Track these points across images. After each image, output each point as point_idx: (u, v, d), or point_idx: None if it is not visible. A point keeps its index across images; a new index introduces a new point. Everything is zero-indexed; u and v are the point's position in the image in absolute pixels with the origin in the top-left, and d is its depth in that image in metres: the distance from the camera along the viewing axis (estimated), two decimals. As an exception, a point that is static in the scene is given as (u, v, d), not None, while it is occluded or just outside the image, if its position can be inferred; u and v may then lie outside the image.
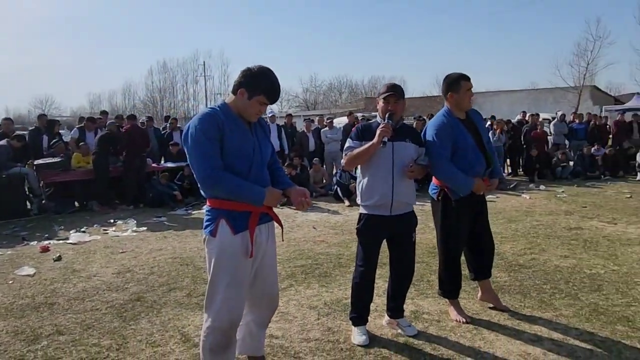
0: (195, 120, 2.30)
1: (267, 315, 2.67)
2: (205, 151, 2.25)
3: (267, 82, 2.33)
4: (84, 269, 4.97)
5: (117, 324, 3.55)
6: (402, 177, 3.10)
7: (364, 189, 3.15)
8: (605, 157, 11.81)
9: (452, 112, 3.39)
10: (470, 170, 3.29)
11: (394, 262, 3.29)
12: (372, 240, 3.19)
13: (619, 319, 3.42)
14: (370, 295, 3.27)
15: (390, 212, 3.11)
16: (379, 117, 3.20)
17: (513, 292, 4.01)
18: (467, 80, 3.38)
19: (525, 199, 8.75)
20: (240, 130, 2.35)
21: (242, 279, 2.37)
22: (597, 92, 34.26)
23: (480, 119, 3.55)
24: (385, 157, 3.06)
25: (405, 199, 3.14)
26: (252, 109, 2.35)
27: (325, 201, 9.07)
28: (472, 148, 3.31)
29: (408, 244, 3.25)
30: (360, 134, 3.13)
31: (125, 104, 61.51)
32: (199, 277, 4.59)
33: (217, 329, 2.35)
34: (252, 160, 2.38)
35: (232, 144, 2.30)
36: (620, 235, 5.86)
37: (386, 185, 3.07)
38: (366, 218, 3.16)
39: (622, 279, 4.26)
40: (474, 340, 3.14)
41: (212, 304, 2.37)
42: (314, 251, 5.45)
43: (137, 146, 8.65)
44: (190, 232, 6.63)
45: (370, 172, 3.12)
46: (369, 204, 3.13)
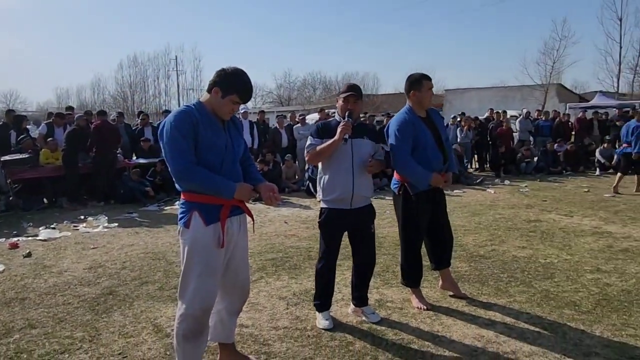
0: (170, 117, 2.43)
1: (238, 304, 2.79)
2: (179, 147, 2.37)
3: (240, 83, 2.48)
4: (55, 265, 4.99)
5: (90, 317, 3.62)
6: (361, 172, 3.28)
7: (325, 184, 3.31)
8: (567, 153, 12.30)
9: (413, 110, 3.58)
10: (427, 165, 3.49)
11: (356, 254, 3.47)
12: (333, 233, 3.36)
13: (566, 303, 3.68)
14: (332, 284, 3.45)
15: (350, 205, 3.28)
16: (337, 115, 3.38)
17: (472, 280, 4.24)
18: (428, 80, 3.58)
19: (490, 194, 9.08)
20: (214, 127, 2.48)
21: (214, 268, 2.50)
22: (563, 90, 35.27)
23: (439, 118, 3.76)
24: (345, 153, 3.23)
25: (364, 192, 3.32)
26: (226, 107, 2.48)
27: (297, 196, 9.22)
28: (431, 145, 3.51)
29: (368, 236, 3.43)
30: (321, 131, 3.30)
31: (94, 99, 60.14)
32: (171, 271, 4.67)
33: (190, 316, 2.47)
34: (224, 156, 2.51)
35: (205, 140, 2.43)
36: (575, 227, 6.20)
37: (347, 180, 3.24)
38: (327, 212, 3.33)
39: (573, 267, 4.54)
40: (433, 325, 3.35)
41: (185, 292, 2.49)
42: (284, 245, 5.59)
43: (107, 142, 8.60)
44: (162, 228, 6.68)
45: (332, 168, 3.28)
46: (331, 198, 3.29)
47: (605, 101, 23.55)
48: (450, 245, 3.89)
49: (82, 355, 3.02)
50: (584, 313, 3.50)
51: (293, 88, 57.52)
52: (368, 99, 41.71)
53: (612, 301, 3.71)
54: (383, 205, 7.93)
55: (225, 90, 2.45)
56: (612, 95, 28.72)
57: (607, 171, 11.80)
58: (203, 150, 2.43)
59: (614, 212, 7.05)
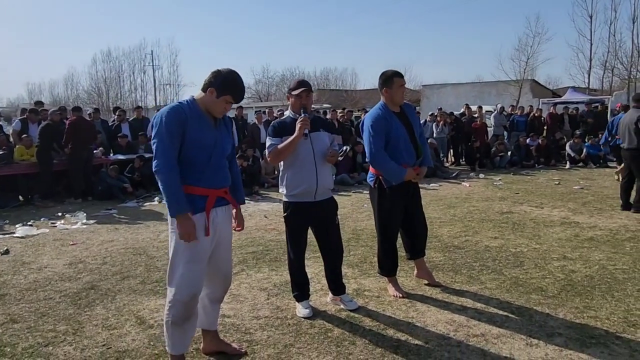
0: (162, 112, 2.56)
1: (220, 292, 2.90)
2: (163, 145, 2.51)
3: (234, 84, 2.63)
4: (34, 261, 4.99)
5: (72, 311, 3.66)
6: (323, 164, 3.40)
7: (289, 180, 3.38)
8: (539, 147, 12.66)
9: (387, 105, 3.71)
10: (400, 159, 3.63)
11: (324, 246, 3.57)
12: (299, 225, 3.47)
13: (534, 289, 3.88)
14: (305, 274, 3.58)
15: (314, 198, 3.39)
16: (290, 112, 3.44)
17: (446, 269, 4.41)
18: (400, 77, 3.70)
19: (465, 187, 9.32)
20: (203, 124, 2.61)
21: (201, 255, 2.63)
22: (537, 86, 36.04)
23: (413, 113, 3.89)
24: (306, 148, 3.32)
25: (327, 184, 3.45)
26: (219, 106, 2.63)
27: (276, 192, 9.29)
28: (404, 139, 3.65)
29: (333, 227, 3.54)
30: (278, 130, 3.35)
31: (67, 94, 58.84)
32: (152, 266, 4.72)
33: (178, 301, 2.59)
34: (212, 152, 2.64)
35: (193, 137, 2.56)
36: (545, 217, 6.45)
37: (311, 174, 3.34)
38: (293, 206, 3.41)
39: (541, 255, 4.76)
40: (408, 312, 3.50)
41: (173, 278, 2.62)
42: (264, 239, 5.69)
43: (83, 139, 8.51)
44: (142, 224, 6.70)
45: (295, 164, 3.35)
46: (296, 192, 3.38)
47: (577, 96, 24.21)
48: (425, 236, 4.04)
49: (66, 347, 3.08)
50: (550, 297, 3.70)
51: (272, 83, 57.31)
52: (347, 94, 41.92)
53: (576, 286, 3.92)
54: (362, 199, 8.10)
55: (220, 91, 2.58)
56: (584, 90, 29.50)
57: (577, 164, 12.21)
58: (190, 147, 2.56)
59: (582, 204, 7.35)
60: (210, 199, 2.64)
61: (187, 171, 2.59)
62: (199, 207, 2.61)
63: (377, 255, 3.92)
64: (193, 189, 2.60)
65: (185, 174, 2.58)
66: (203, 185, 2.63)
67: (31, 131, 9.03)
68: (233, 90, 2.61)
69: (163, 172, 2.50)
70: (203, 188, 2.63)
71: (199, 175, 2.61)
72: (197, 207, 2.61)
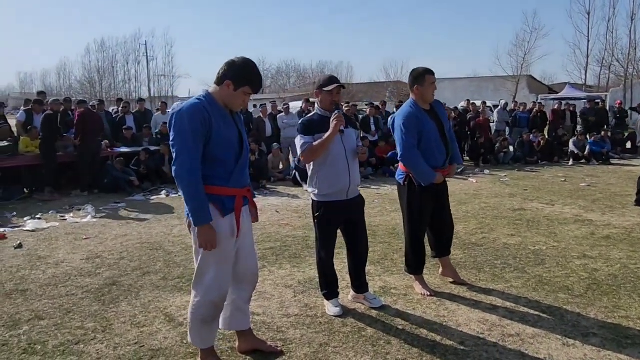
0: (183, 111, 2.40)
1: (250, 290, 2.89)
2: (187, 146, 2.37)
3: (251, 74, 2.49)
4: (50, 256, 4.92)
5: (97, 308, 3.61)
6: (354, 161, 3.36)
7: (322, 179, 3.30)
8: (540, 144, 12.67)
9: (417, 103, 3.67)
10: (432, 158, 3.61)
11: (352, 244, 3.54)
12: (331, 225, 3.43)
13: (560, 288, 3.88)
14: (334, 272, 3.54)
15: (347, 196, 3.36)
16: (319, 109, 3.37)
17: (469, 267, 4.40)
18: (431, 74, 3.66)
19: (473, 183, 9.33)
20: (226, 121, 2.50)
21: (229, 256, 2.61)
22: (533, 81, 36.24)
23: (443, 110, 3.86)
24: (338, 146, 3.28)
25: (357, 182, 3.42)
26: (238, 99, 2.50)
27: (284, 186, 9.27)
28: (435, 137, 3.62)
29: (362, 224, 3.52)
30: (309, 128, 3.28)
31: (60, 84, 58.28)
32: (171, 261, 4.68)
33: (210, 302, 2.57)
34: (239, 152, 2.54)
35: (219, 136, 2.44)
36: (558, 215, 6.47)
37: (344, 172, 3.31)
38: (325, 206, 3.35)
39: (561, 254, 4.77)
40: (439, 311, 3.49)
41: (202, 280, 2.58)
42: (280, 234, 5.65)
43: (91, 131, 8.40)
44: (153, 217, 6.63)
45: (327, 162, 3.28)
46: (330, 192, 3.32)
47: (574, 93, 24.36)
48: (451, 235, 4.03)
49: (98, 346, 3.03)
50: (578, 297, 3.70)
51: (267, 76, 57.03)
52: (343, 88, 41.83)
53: (602, 285, 3.93)
54: (371, 194, 8.07)
55: (237, 83, 2.45)
56: (580, 87, 29.68)
57: (580, 161, 12.25)
58: (217, 146, 2.45)
59: (592, 201, 7.37)
60: (238, 199, 2.57)
61: (215, 171, 2.49)
62: (228, 208, 2.54)
63: (405, 253, 3.90)
64: (222, 190, 2.51)
65: (214, 174, 2.49)
66: (232, 185, 2.54)
67: (36, 122, 8.89)
68: (250, 80, 2.47)
69: (186, 178, 2.37)
70: (231, 188, 2.54)
71: (228, 176, 2.52)
72: (227, 209, 2.53)
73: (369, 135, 10.87)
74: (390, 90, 38.37)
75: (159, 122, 10.63)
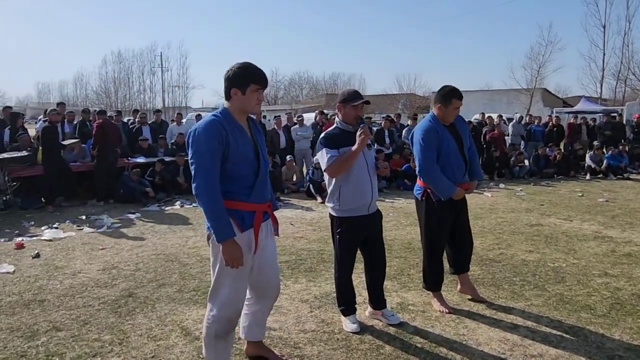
0: (199, 129, 2.43)
1: (271, 302, 2.91)
2: (205, 165, 2.38)
3: (250, 70, 2.49)
4: (67, 266, 4.95)
5: (114, 320, 3.61)
6: (374, 176, 3.35)
7: (344, 194, 3.27)
8: (555, 159, 12.51)
9: (437, 118, 3.65)
10: (450, 173, 3.57)
11: (371, 259, 3.51)
12: (353, 241, 3.40)
13: (582, 307, 3.80)
14: (352, 288, 3.50)
15: (368, 211, 3.34)
16: (339, 123, 3.34)
17: (487, 284, 4.34)
18: (458, 99, 3.56)
19: (488, 197, 9.23)
20: (243, 136, 2.50)
21: (246, 272, 2.59)
22: (548, 95, 36.00)
23: (464, 126, 3.82)
24: (360, 160, 3.26)
25: (377, 196, 3.41)
26: (252, 100, 2.50)
27: (298, 198, 9.25)
28: (454, 153, 3.59)
29: (380, 240, 3.50)
30: (333, 142, 3.25)
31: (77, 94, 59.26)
32: (186, 273, 4.67)
33: (224, 318, 2.57)
34: (257, 166, 2.54)
35: (237, 152, 2.45)
36: (576, 231, 6.36)
37: (367, 187, 3.29)
38: (348, 222, 3.32)
39: (581, 271, 4.68)
40: (458, 329, 3.43)
41: (218, 295, 2.57)
42: (295, 247, 5.63)
43: (110, 141, 8.49)
44: (167, 228, 6.65)
45: (352, 177, 3.25)
46: (352, 207, 3.29)
47: (590, 106, 24.11)
48: (470, 251, 3.97)
49: (115, 359, 3.03)
50: (600, 317, 3.62)
51: (280, 87, 57.44)
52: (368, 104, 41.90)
53: (625, 305, 3.84)
54: (385, 207, 8.01)
55: (242, 86, 2.46)
56: (595, 100, 29.38)
57: (597, 176, 12.08)
58: (236, 161, 2.46)
59: (611, 217, 7.25)
60: (257, 215, 2.57)
61: (236, 187, 2.50)
62: (247, 224, 2.53)
63: (423, 269, 3.86)
64: (242, 205, 2.52)
65: (234, 190, 2.49)
66: (252, 200, 2.54)
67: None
68: (252, 76, 2.47)
69: (205, 196, 2.38)
70: (252, 204, 2.54)
71: (248, 191, 2.53)
72: (246, 224, 2.53)
73: (384, 148, 10.83)
74: (402, 102, 38.37)
75: (175, 132, 10.73)
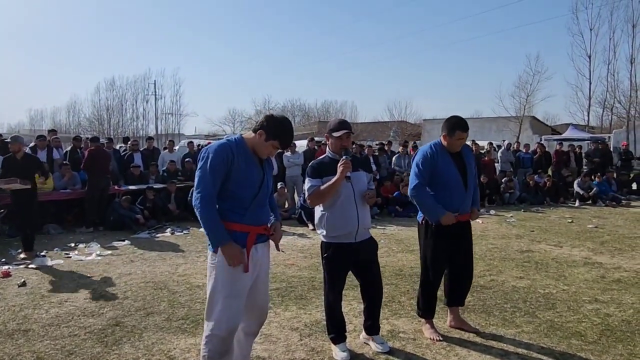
0: (210, 148, 2.64)
1: (256, 326, 2.90)
2: (205, 179, 2.59)
3: (284, 132, 2.68)
4: (54, 295, 4.87)
5: (100, 349, 3.54)
6: (363, 204, 3.37)
7: (329, 221, 3.32)
8: (545, 186, 12.65)
9: (442, 144, 3.69)
10: (448, 199, 3.60)
11: (365, 286, 3.52)
12: (339, 267, 3.41)
13: (572, 334, 3.79)
14: (342, 315, 3.48)
15: (355, 239, 3.35)
16: (329, 152, 3.42)
17: (478, 311, 4.32)
18: (463, 131, 3.58)
19: (478, 223, 9.26)
20: (250, 163, 2.67)
21: (240, 291, 2.63)
22: (536, 122, 36.53)
23: (470, 155, 3.81)
24: (347, 189, 3.29)
25: (367, 225, 3.40)
26: (266, 149, 2.70)
27: (289, 225, 9.22)
28: (456, 181, 3.61)
29: (373, 266, 3.50)
30: (317, 171, 3.32)
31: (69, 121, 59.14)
32: (175, 301, 4.62)
33: (216, 336, 2.59)
34: (258, 192, 2.68)
35: (239, 174, 2.61)
36: (566, 257, 6.39)
37: (352, 215, 3.31)
38: (334, 247, 3.35)
39: (572, 297, 4.68)
40: (449, 357, 3.40)
41: (212, 313, 2.61)
42: (286, 274, 5.59)
43: (101, 168, 8.47)
44: (157, 256, 6.59)
45: (336, 205, 3.30)
46: (337, 234, 3.33)
47: (578, 134, 24.50)
48: (468, 285, 3.91)
49: (100, 390, 2.96)
50: (591, 343, 3.61)
51: (272, 115, 57.49)
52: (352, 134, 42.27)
53: (615, 331, 3.84)
54: (377, 234, 7.95)
55: (269, 135, 2.65)
56: (583, 128, 29.86)
57: (586, 202, 12.20)
58: (237, 184, 2.61)
59: (600, 243, 7.30)
60: (251, 235, 2.66)
61: (232, 207, 2.63)
62: (241, 244, 2.62)
63: (417, 294, 3.84)
64: (235, 226, 2.63)
65: (230, 210, 2.63)
66: (246, 222, 2.65)
67: (40, 157, 9.00)
68: (281, 137, 2.68)
69: (202, 207, 2.55)
70: (245, 225, 2.65)
71: (242, 212, 2.64)
72: (239, 244, 2.62)
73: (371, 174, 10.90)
74: (394, 129, 38.74)
75: (166, 159, 10.74)
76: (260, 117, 2.93)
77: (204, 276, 5.05)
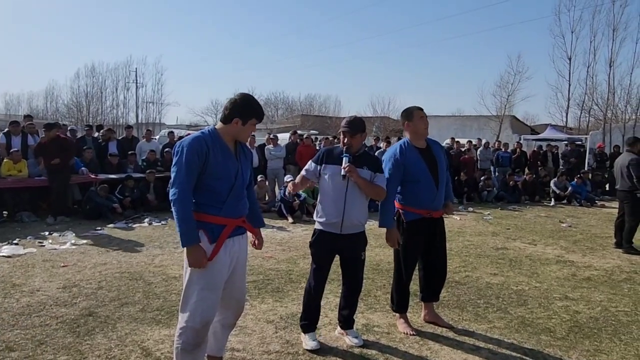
0: (184, 142, 2.60)
1: (233, 318, 2.90)
2: (181, 175, 2.56)
3: (254, 107, 2.69)
4: (25, 284, 4.78)
5: (71, 340, 3.50)
6: (354, 200, 3.37)
7: (319, 208, 3.45)
8: (525, 183, 12.90)
9: (410, 141, 3.72)
10: (418, 195, 3.63)
11: (344, 278, 3.57)
12: (322, 253, 3.45)
13: (542, 330, 3.88)
14: (319, 305, 3.52)
15: (340, 230, 3.38)
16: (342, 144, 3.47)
17: (452, 306, 4.39)
18: (419, 109, 3.75)
19: (456, 220, 9.39)
20: (226, 155, 2.64)
21: (216, 283, 2.62)
22: (516, 122, 37.06)
23: (439, 150, 3.85)
24: (339, 182, 3.34)
25: (356, 220, 3.40)
26: (247, 132, 2.70)
27: (269, 217, 9.20)
28: (425, 176, 3.64)
29: (357, 262, 3.53)
30: (322, 157, 3.43)
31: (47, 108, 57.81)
32: (150, 292, 4.58)
33: (190, 328, 2.58)
34: (234, 183, 2.66)
35: (215, 167, 2.59)
36: (540, 255, 6.52)
37: (338, 208, 3.34)
38: (319, 233, 3.45)
39: (543, 294, 4.79)
40: (421, 351, 3.45)
41: (186, 305, 2.60)
42: (264, 267, 5.59)
43: (58, 156, 8.10)
44: (134, 246, 6.51)
45: (327, 195, 3.41)
46: (322, 221, 3.42)
47: (556, 134, 24.93)
48: (442, 280, 3.95)
49: (70, 380, 2.93)
50: (559, 339, 3.70)
51: (255, 107, 57.15)
52: (330, 121, 42.32)
53: (583, 328, 3.94)
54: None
55: (244, 118, 2.64)
56: (561, 128, 30.40)
57: (562, 201, 12.46)
58: (212, 177, 2.60)
59: (573, 242, 7.47)
60: (227, 228, 2.67)
61: (208, 200, 2.62)
62: (217, 236, 2.62)
63: (391, 289, 3.88)
64: (213, 218, 2.62)
65: (207, 203, 2.62)
66: (223, 214, 2.65)
67: (14, 144, 8.81)
68: (256, 112, 2.69)
69: (178, 203, 2.54)
70: (223, 217, 2.64)
71: (220, 205, 2.63)
72: (216, 236, 2.62)
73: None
74: (377, 125, 38.87)
75: (145, 149, 10.59)
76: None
77: (180, 267, 5.02)
